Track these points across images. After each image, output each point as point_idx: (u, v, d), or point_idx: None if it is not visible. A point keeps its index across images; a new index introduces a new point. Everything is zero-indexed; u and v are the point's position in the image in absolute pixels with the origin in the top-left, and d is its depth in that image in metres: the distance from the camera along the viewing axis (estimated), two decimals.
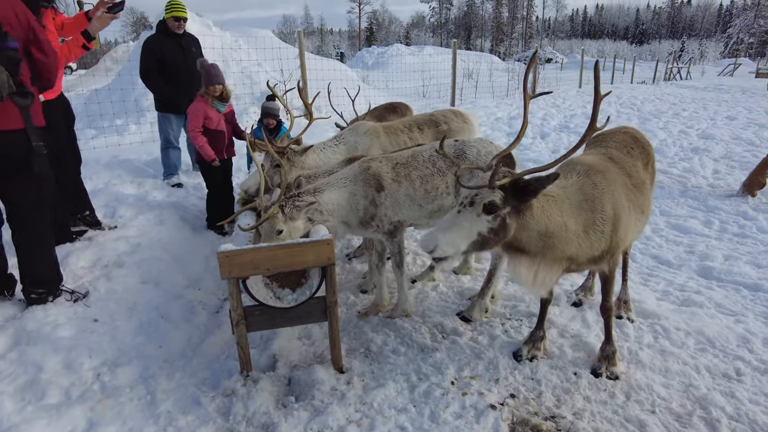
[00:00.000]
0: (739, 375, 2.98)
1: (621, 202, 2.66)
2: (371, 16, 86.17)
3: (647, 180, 3.12)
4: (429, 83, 18.22)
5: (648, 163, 3.24)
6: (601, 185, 2.63)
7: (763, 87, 23.15)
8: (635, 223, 2.89)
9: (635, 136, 3.33)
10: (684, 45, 68.26)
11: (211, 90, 4.73)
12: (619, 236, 2.64)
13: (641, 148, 3.25)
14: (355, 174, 3.31)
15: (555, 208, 2.44)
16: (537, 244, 2.44)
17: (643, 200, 2.96)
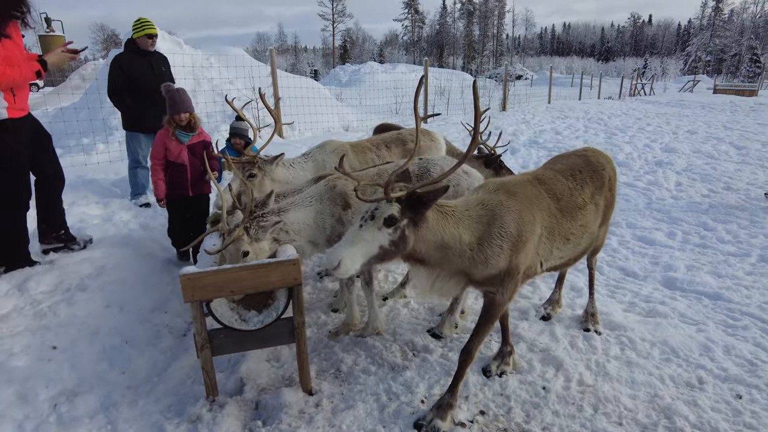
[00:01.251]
0: (701, 383, 3.05)
1: (531, 225, 2.60)
2: (345, 34, 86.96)
3: (589, 205, 2.97)
4: (402, 100, 18.41)
5: (601, 188, 3.10)
6: (507, 204, 2.59)
7: (721, 102, 24.17)
8: (555, 249, 2.79)
9: (589, 160, 3.19)
10: (647, 62, 70.89)
11: (176, 119, 4.28)
12: (521, 258, 2.58)
13: (592, 172, 3.10)
14: (321, 192, 3.30)
15: (451, 220, 2.47)
16: (435, 255, 2.48)
17: (572, 226, 2.84)
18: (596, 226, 3.06)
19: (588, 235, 2.99)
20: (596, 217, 3.04)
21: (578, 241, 2.90)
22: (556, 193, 2.84)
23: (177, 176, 4.44)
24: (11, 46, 3.44)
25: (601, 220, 3.16)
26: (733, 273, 4.72)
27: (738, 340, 3.53)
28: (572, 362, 3.20)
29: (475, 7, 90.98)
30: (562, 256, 2.88)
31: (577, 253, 3.01)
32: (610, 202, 3.24)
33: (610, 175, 3.22)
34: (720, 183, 8.20)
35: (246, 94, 12.14)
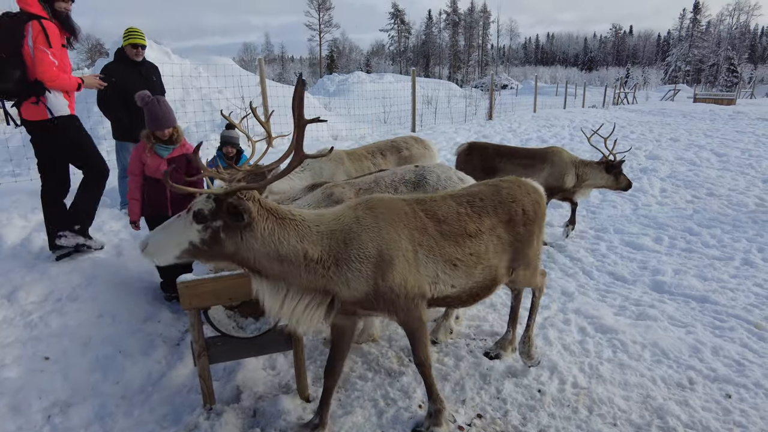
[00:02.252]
0: (691, 384, 3.12)
1: (394, 243, 2.41)
2: (332, 44, 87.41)
3: (486, 236, 2.70)
4: (390, 110, 18.53)
5: (508, 222, 2.81)
6: (365, 221, 2.41)
7: (701, 111, 24.73)
8: (441, 273, 2.57)
9: (498, 191, 2.89)
10: (629, 72, 72.30)
11: (158, 135, 3.89)
12: (390, 283, 2.39)
13: (498, 203, 2.81)
14: (318, 200, 3.33)
15: (292, 233, 2.29)
16: (273, 268, 2.29)
17: (458, 252, 2.60)
18: (499, 260, 2.77)
19: (484, 267, 2.70)
20: (499, 250, 2.76)
21: (470, 271, 2.66)
22: (438, 214, 2.63)
23: (155, 193, 4.01)
24: (64, 57, 4.08)
25: (511, 256, 2.84)
26: (718, 276, 4.83)
27: (725, 341, 3.62)
28: (566, 365, 3.25)
29: (460, 17, 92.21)
30: (454, 284, 2.63)
31: (474, 285, 2.71)
32: (524, 238, 2.89)
33: (528, 210, 2.90)
34: (703, 189, 8.39)
35: (235, 103, 12.15)
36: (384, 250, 2.39)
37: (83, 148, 4.31)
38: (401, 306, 2.48)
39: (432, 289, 2.58)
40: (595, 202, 7.47)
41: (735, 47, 77.12)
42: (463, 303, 2.82)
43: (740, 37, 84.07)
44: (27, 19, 3.77)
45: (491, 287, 2.83)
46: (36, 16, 3.80)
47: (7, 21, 3.77)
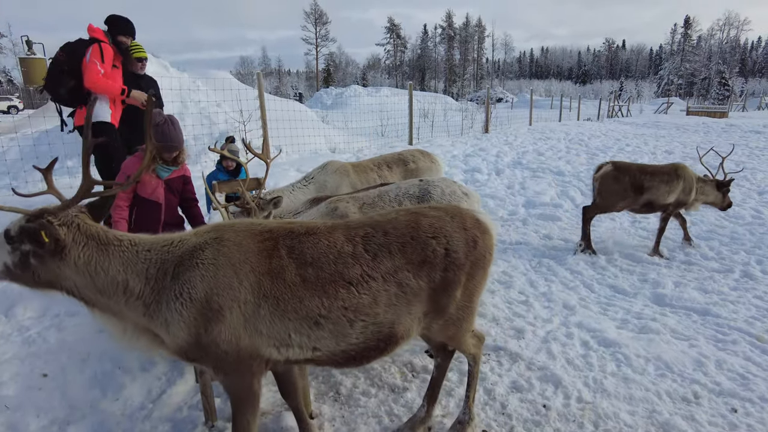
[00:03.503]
0: (697, 398, 3.10)
1: (230, 291, 2.01)
2: (328, 58, 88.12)
3: (378, 284, 2.14)
4: (387, 123, 18.63)
5: (420, 265, 2.22)
6: (204, 255, 2.04)
7: (694, 124, 24.99)
8: (295, 333, 2.08)
9: (417, 222, 2.31)
10: (622, 85, 73.23)
11: (166, 157, 3.61)
12: (214, 337, 2.00)
13: (408, 240, 2.24)
14: (321, 215, 3.33)
15: (116, 261, 2.03)
16: (98, 301, 2.06)
17: (324, 305, 2.07)
18: (396, 315, 2.20)
19: (367, 325, 2.15)
20: (399, 302, 2.19)
21: (342, 330, 2.12)
22: (307, 254, 2.11)
23: (147, 216, 3.72)
24: (116, 74, 4.80)
25: (423, 308, 2.28)
26: (718, 289, 4.84)
27: (729, 355, 3.61)
28: (570, 379, 3.23)
29: (456, 31, 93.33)
30: (317, 347, 2.13)
31: (352, 348, 2.18)
32: (443, 287, 2.29)
33: (455, 249, 2.30)
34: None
35: (233, 117, 12.19)
36: (214, 297, 1.99)
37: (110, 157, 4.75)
38: (228, 368, 2.07)
39: (279, 352, 2.11)
40: None
41: (726, 61, 78.26)
42: (340, 365, 2.31)
43: (731, 51, 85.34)
44: (91, 42, 4.62)
45: (387, 347, 2.26)
46: (98, 40, 4.66)
47: (76, 43, 4.69)
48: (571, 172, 10.48)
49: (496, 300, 4.41)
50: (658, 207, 5.86)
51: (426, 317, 2.34)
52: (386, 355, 2.33)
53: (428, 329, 2.42)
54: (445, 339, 2.56)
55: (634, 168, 5.87)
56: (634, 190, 5.70)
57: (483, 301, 4.32)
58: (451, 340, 2.57)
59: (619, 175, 5.75)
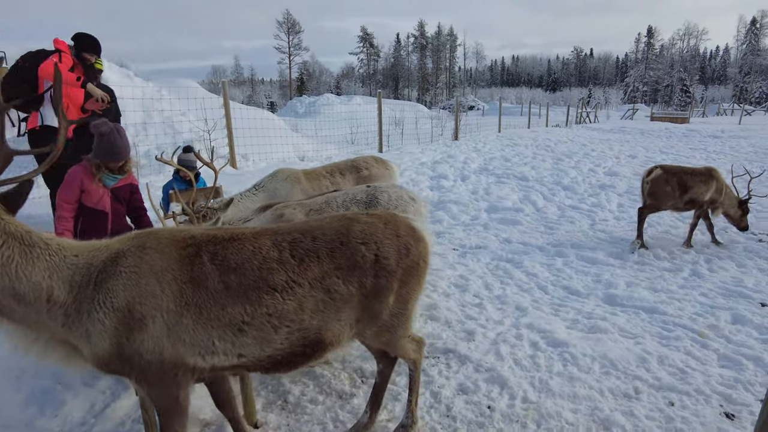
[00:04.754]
0: (637, 393, 3.18)
1: (152, 299, 1.95)
2: (302, 67, 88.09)
3: (304, 290, 2.12)
4: (357, 131, 18.69)
5: (351, 270, 2.21)
6: (127, 262, 1.98)
7: (657, 129, 25.80)
8: (220, 340, 2.03)
9: (348, 228, 2.30)
10: (590, 92, 75.17)
11: (112, 166, 3.54)
12: (137, 347, 1.94)
13: (338, 245, 2.23)
14: (267, 222, 3.31)
15: (40, 265, 1.91)
16: (13, 310, 1.92)
17: (247, 312, 2.04)
18: (324, 321, 2.18)
19: (292, 331, 2.12)
20: (326, 308, 2.17)
21: (266, 336, 2.09)
22: (231, 261, 2.07)
23: (93, 226, 3.61)
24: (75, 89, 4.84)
25: (354, 314, 2.27)
26: (667, 287, 4.98)
27: (671, 350, 3.71)
28: (517, 380, 3.27)
29: (428, 40, 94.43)
30: (242, 353, 2.09)
31: (278, 353, 2.15)
32: (374, 293, 2.28)
33: (386, 256, 2.29)
34: None
35: (198, 125, 12.06)
36: (136, 305, 1.93)
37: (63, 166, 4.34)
38: (152, 379, 2.01)
39: (204, 360, 2.06)
40: (553, 219, 7.64)
41: (687, 69, 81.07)
42: (269, 371, 2.26)
43: (691, 59, 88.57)
44: (53, 52, 4.73)
45: (315, 353, 2.24)
46: (60, 51, 4.76)
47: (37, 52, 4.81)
48: (535, 177, 10.68)
49: (451, 303, 4.44)
50: (697, 204, 6.37)
51: (358, 324, 2.33)
52: (316, 360, 2.33)
53: (362, 336, 2.42)
54: (381, 345, 2.56)
55: (678, 170, 6.44)
56: (680, 190, 6.26)
57: (437, 305, 4.35)
58: (387, 346, 2.57)
59: (668, 177, 6.30)
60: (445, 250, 6.13)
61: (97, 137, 3.56)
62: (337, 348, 2.35)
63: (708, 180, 6.31)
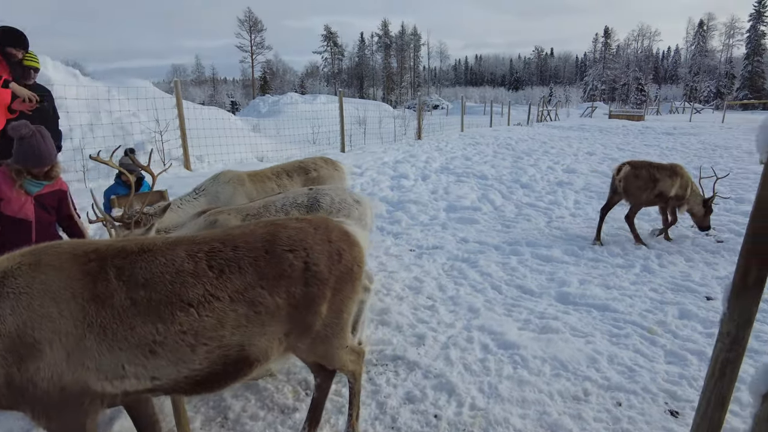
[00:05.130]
0: (586, 395, 3.14)
1: (50, 327, 1.77)
2: (265, 66, 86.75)
3: (224, 304, 1.96)
4: (319, 130, 18.47)
5: (276, 280, 2.06)
6: (17, 283, 1.80)
7: (615, 126, 26.58)
8: (130, 364, 1.86)
9: (274, 235, 2.15)
10: (552, 91, 77.01)
11: (35, 171, 3.29)
12: (31, 376, 1.76)
13: (262, 254, 2.08)
14: (200, 229, 3.11)
15: None
16: None
17: (159, 331, 1.87)
18: (247, 336, 2.01)
19: (211, 350, 1.96)
20: (250, 322, 2.01)
21: (182, 356, 1.92)
22: (139, 275, 1.89)
23: (15, 236, 3.32)
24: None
25: (282, 327, 2.12)
26: (619, 284, 5.02)
27: (620, 349, 3.71)
28: (465, 386, 3.18)
29: (392, 40, 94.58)
30: (156, 376, 1.93)
31: (197, 374, 1.98)
32: (304, 303, 2.14)
33: (317, 263, 2.16)
34: None
35: (150, 126, 11.61)
36: (27, 330, 1.74)
37: None
38: (52, 411, 1.82)
39: (113, 386, 1.88)
40: (510, 217, 7.66)
41: (642, 69, 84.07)
42: (191, 393, 2.09)
43: (645, 59, 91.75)
44: None
45: (240, 372, 2.08)
46: None
47: None
48: (494, 175, 10.74)
49: (403, 307, 4.34)
50: (664, 199, 6.52)
51: (289, 337, 2.18)
52: (244, 379, 2.17)
53: (295, 349, 2.27)
54: (317, 358, 2.43)
55: (645, 164, 6.61)
56: (651, 182, 6.41)
57: (389, 309, 4.24)
58: (323, 359, 2.43)
59: (637, 172, 6.44)
60: (402, 251, 6.04)
61: (17, 141, 3.28)
62: (267, 364, 2.20)
63: (672, 175, 6.47)
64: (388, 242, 6.38)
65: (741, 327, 1.53)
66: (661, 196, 6.49)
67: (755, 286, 1.49)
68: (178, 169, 11.20)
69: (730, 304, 1.53)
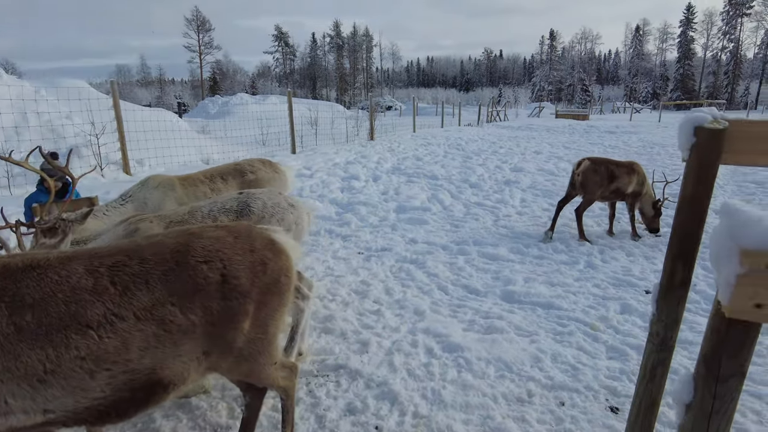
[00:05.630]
0: (530, 396, 3.11)
1: None
2: (214, 66, 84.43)
3: (128, 324, 1.76)
4: (269, 131, 18.06)
5: (191, 294, 1.88)
6: None
7: (561, 126, 27.46)
8: (12, 397, 1.66)
9: (189, 245, 1.97)
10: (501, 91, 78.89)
11: None
12: None
13: (178, 266, 1.90)
14: (119, 238, 2.86)
15: None
16: None
17: (52, 358, 1.66)
18: (158, 358, 1.84)
19: (114, 375, 1.76)
20: (161, 343, 1.82)
21: (81, 384, 1.72)
22: (25, 295, 1.68)
23: None
24: None
25: (200, 347, 1.94)
26: (563, 281, 5.08)
27: (564, 347, 3.72)
28: (408, 394, 3.08)
29: (344, 41, 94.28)
30: (49, 408, 1.72)
31: (100, 403, 1.79)
32: (223, 319, 1.96)
33: (236, 275, 1.98)
34: (558, 197, 9.04)
35: (85, 129, 10.94)
36: None
37: None
38: None
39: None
40: (459, 216, 7.68)
41: (585, 70, 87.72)
42: (96, 424, 1.88)
43: (589, 61, 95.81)
44: None
45: (151, 397, 1.89)
46: None
47: None
48: (444, 175, 10.78)
49: (348, 312, 4.20)
50: (620, 195, 6.71)
51: (209, 357, 2.00)
52: (156, 405, 1.97)
53: (217, 369, 2.09)
54: (242, 377, 2.25)
55: (604, 160, 6.76)
56: (608, 178, 6.57)
57: (333, 316, 4.09)
58: (249, 378, 2.26)
59: (596, 167, 6.59)
60: (350, 254, 5.90)
61: None
62: (183, 388, 2.01)
63: (630, 173, 6.67)
64: (337, 245, 6.22)
65: (669, 327, 1.49)
66: (617, 192, 6.68)
67: (681, 286, 1.45)
68: (116, 173, 10.61)
69: (659, 305, 1.49)
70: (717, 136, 1.32)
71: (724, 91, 73.92)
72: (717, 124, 1.33)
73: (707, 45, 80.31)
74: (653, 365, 1.55)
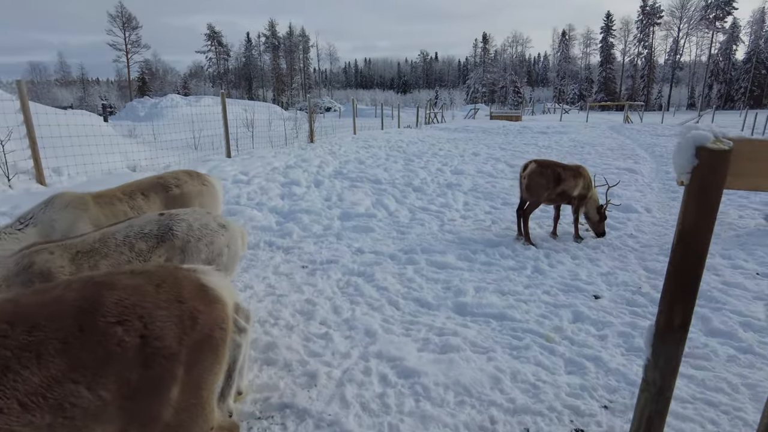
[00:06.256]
0: (493, 424, 2.91)
1: None
2: (143, 66, 79.97)
3: (16, 406, 1.38)
4: (203, 134, 17.13)
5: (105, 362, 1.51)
6: None
7: (496, 127, 28.20)
8: None
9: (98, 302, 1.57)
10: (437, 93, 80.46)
11: None
12: None
13: (83, 332, 1.52)
14: (9, 276, 2.36)
15: None
16: None
17: None
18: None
19: None
20: (58, 426, 1.45)
21: None
22: None
23: None
24: None
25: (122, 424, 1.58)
26: (513, 288, 4.97)
27: (522, 363, 3.57)
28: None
29: (280, 41, 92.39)
30: None
31: None
32: (155, 387, 1.62)
33: (161, 334, 1.62)
34: (499, 199, 9.10)
35: None
36: None
37: None
38: None
39: None
40: (405, 222, 7.48)
41: (517, 72, 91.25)
42: None
43: (520, 64, 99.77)
44: None
45: None
46: None
47: None
48: (387, 179, 10.58)
49: (293, 339, 3.84)
50: (566, 198, 6.76)
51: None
52: None
53: None
54: None
55: (551, 163, 6.79)
56: (555, 182, 6.59)
57: (276, 344, 3.71)
58: None
59: (543, 170, 6.60)
60: (293, 268, 5.52)
61: None
62: None
63: (577, 176, 6.73)
64: (278, 259, 5.81)
65: (667, 376, 1.30)
66: (563, 194, 6.72)
67: (681, 327, 1.27)
68: (28, 183, 9.54)
69: (654, 349, 1.30)
70: (722, 158, 1.15)
71: (641, 94, 79.50)
72: (721, 144, 1.16)
73: (625, 51, 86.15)
74: (649, 416, 1.36)
